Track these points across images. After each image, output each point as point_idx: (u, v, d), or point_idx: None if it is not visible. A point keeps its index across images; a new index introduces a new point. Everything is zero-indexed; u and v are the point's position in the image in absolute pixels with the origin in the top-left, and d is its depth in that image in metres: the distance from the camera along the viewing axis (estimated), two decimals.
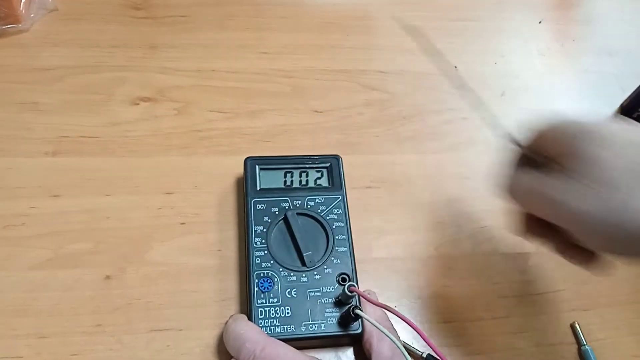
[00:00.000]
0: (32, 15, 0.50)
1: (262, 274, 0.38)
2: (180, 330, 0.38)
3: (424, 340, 0.32)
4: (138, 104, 0.47)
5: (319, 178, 0.42)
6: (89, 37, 0.51)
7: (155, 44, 0.51)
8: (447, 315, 0.41)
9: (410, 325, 0.33)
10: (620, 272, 0.44)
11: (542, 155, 0.35)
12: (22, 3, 0.49)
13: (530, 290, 0.42)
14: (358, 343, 0.38)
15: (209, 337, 0.37)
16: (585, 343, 0.40)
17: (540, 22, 0.58)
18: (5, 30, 0.49)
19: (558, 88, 0.54)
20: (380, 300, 0.40)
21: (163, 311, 0.38)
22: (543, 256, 0.44)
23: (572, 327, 0.41)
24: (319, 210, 0.40)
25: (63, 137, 0.45)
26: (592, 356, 0.39)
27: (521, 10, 0.59)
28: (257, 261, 0.38)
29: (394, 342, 0.32)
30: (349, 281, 0.37)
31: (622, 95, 0.53)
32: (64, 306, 0.38)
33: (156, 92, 0.48)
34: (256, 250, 0.38)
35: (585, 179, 0.30)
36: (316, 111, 0.49)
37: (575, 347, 0.40)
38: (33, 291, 0.38)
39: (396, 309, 0.40)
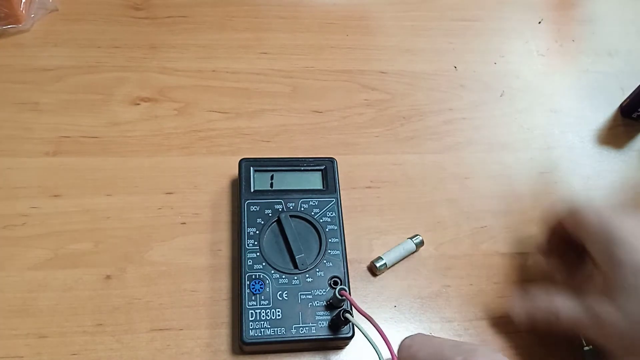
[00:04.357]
0: (32, 15, 0.50)
1: (253, 276, 0.37)
2: (181, 329, 0.38)
3: (391, 354, 0.32)
4: (138, 104, 0.47)
5: (314, 180, 0.42)
6: (89, 37, 0.51)
7: (155, 44, 0.51)
8: (447, 315, 0.41)
9: (382, 337, 0.32)
10: None
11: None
12: (22, 3, 0.49)
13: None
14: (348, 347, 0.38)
15: (209, 337, 0.38)
16: (585, 344, 0.40)
17: (540, 22, 0.58)
18: (5, 30, 0.49)
19: (558, 88, 0.54)
20: (380, 300, 0.41)
21: (163, 311, 0.38)
22: None
23: None
24: (313, 213, 0.40)
25: (63, 137, 0.45)
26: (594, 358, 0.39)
27: (521, 10, 0.59)
28: (248, 263, 0.38)
29: (375, 349, 0.32)
30: (341, 284, 0.37)
31: (622, 95, 0.53)
32: (64, 306, 0.38)
33: (156, 92, 0.48)
34: (248, 252, 0.38)
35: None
36: (316, 111, 0.49)
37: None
38: (33, 291, 0.38)
39: (395, 308, 0.40)
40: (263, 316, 0.36)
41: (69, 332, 0.37)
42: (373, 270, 0.41)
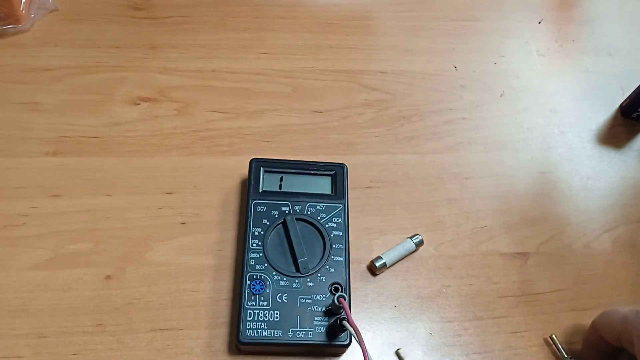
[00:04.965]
0: (32, 15, 0.50)
1: (254, 276, 0.37)
2: (181, 329, 0.38)
3: None
4: (138, 104, 0.47)
5: (322, 185, 0.42)
6: (89, 37, 0.51)
7: (155, 44, 0.51)
8: (447, 315, 0.41)
9: (363, 353, 0.32)
10: (620, 272, 0.44)
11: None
12: (22, 3, 0.49)
13: (530, 290, 0.42)
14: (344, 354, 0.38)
15: (209, 337, 0.38)
16: (566, 356, 0.39)
17: (540, 22, 0.58)
18: (5, 30, 0.49)
19: (558, 88, 0.54)
20: (380, 300, 0.41)
21: (163, 311, 0.38)
22: (543, 256, 0.44)
23: (551, 339, 0.40)
24: (319, 218, 0.40)
25: (63, 137, 0.45)
26: None
27: (521, 10, 0.59)
28: (251, 263, 0.38)
29: (367, 356, 0.32)
30: (341, 291, 0.37)
31: (622, 95, 0.53)
32: (64, 306, 0.38)
33: (156, 92, 0.48)
34: (251, 252, 0.38)
35: None
36: (316, 111, 0.49)
37: (576, 346, 0.40)
38: (33, 291, 0.38)
39: (395, 308, 0.40)
40: (261, 317, 0.36)
41: (69, 332, 0.37)
42: (373, 269, 0.41)
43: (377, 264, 0.41)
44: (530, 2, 0.60)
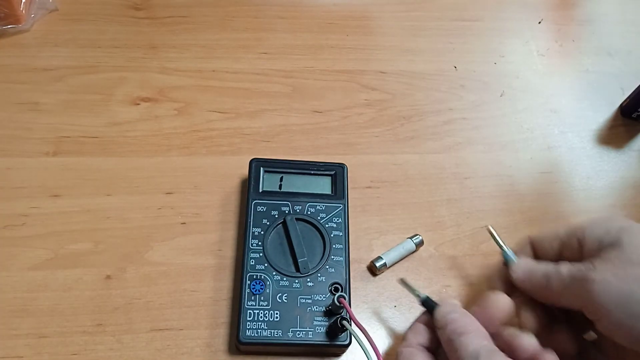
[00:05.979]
0: (32, 15, 0.50)
1: (254, 276, 0.37)
2: (181, 329, 0.38)
3: None
4: (138, 104, 0.47)
5: (322, 185, 0.42)
6: (89, 37, 0.51)
7: (155, 44, 0.51)
8: None
9: (374, 351, 0.33)
10: None
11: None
12: (22, 3, 0.49)
13: None
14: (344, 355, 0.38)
15: (209, 337, 0.38)
16: (504, 246, 0.38)
17: (540, 22, 0.58)
18: (5, 30, 0.49)
19: (558, 88, 0.54)
20: (380, 300, 0.41)
21: (163, 311, 0.38)
22: None
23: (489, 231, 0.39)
24: (319, 218, 0.40)
25: (63, 137, 0.45)
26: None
27: (521, 10, 0.59)
28: (251, 263, 0.38)
29: (367, 357, 0.32)
30: (341, 291, 0.37)
31: (622, 95, 0.53)
32: (64, 306, 0.38)
33: (156, 92, 0.48)
34: (251, 252, 0.38)
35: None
36: (316, 111, 0.49)
37: None
38: (33, 291, 0.38)
39: (395, 308, 0.40)
40: (261, 317, 0.36)
41: (69, 332, 0.37)
42: (373, 270, 0.41)
43: (377, 264, 0.41)
44: (530, 2, 0.60)
